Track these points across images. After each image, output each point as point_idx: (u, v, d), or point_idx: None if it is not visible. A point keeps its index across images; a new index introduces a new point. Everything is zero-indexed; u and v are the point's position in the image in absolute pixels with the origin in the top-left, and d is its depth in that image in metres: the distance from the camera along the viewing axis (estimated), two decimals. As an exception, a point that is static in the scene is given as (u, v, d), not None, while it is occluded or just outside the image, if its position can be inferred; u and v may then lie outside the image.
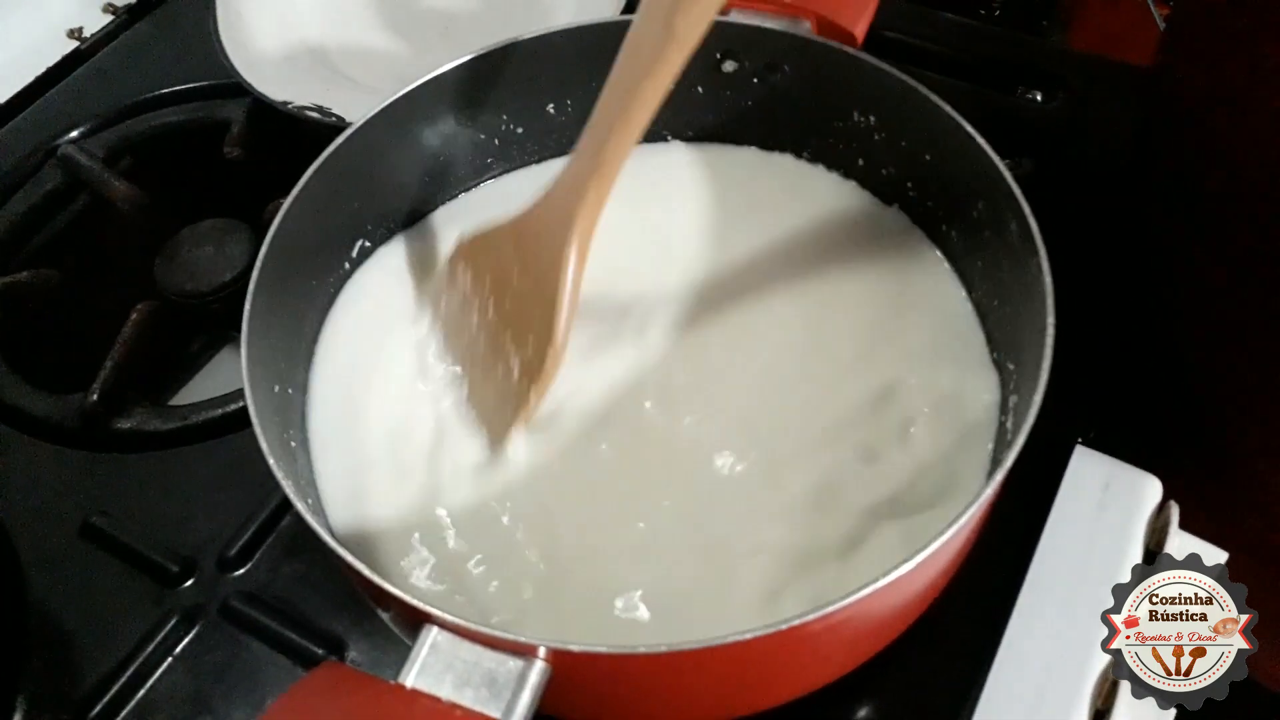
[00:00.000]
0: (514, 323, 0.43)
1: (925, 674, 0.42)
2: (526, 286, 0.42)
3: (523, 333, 0.42)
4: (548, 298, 0.40)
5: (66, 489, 0.49)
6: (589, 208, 0.40)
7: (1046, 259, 0.37)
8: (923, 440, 0.42)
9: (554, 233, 0.41)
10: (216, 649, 0.44)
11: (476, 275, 0.45)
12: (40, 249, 0.62)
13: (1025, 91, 0.62)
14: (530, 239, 0.42)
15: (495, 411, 0.43)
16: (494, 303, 0.44)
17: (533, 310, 0.41)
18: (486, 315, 0.44)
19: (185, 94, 0.66)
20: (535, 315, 0.41)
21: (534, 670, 0.30)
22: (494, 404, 0.43)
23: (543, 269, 0.41)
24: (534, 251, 0.42)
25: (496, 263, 0.44)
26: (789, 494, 0.41)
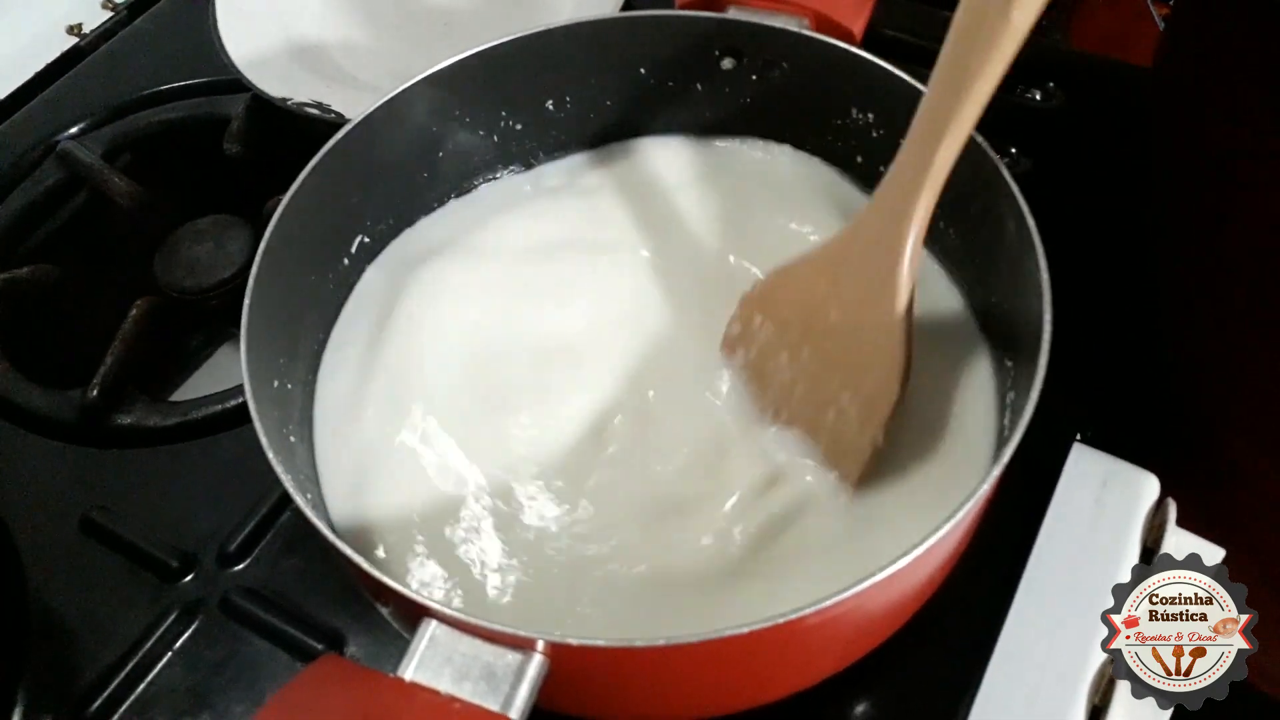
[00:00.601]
0: (841, 362, 0.40)
1: (923, 669, 0.42)
2: (849, 321, 0.39)
3: (855, 371, 0.39)
4: (881, 329, 0.38)
5: (66, 484, 0.49)
6: (918, 223, 0.37)
7: (1044, 257, 0.37)
8: (919, 438, 0.42)
9: (877, 262, 0.38)
10: (216, 644, 0.44)
11: (780, 321, 0.42)
12: (40, 245, 0.62)
13: (1024, 90, 0.62)
14: (849, 268, 0.39)
15: (835, 455, 0.41)
16: (810, 348, 0.41)
17: (863, 344, 0.39)
18: (800, 360, 0.41)
19: (184, 90, 0.66)
20: (867, 349, 0.39)
21: (532, 663, 0.30)
22: (826, 445, 0.41)
23: (871, 297, 0.38)
24: (855, 283, 0.39)
25: (806, 303, 0.41)
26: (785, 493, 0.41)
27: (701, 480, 0.41)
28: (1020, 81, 0.62)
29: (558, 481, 0.42)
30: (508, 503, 0.41)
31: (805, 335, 0.41)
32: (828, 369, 0.41)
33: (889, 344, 0.39)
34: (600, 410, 0.44)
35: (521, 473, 0.42)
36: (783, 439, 0.42)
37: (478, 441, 0.43)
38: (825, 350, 0.41)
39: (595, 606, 0.38)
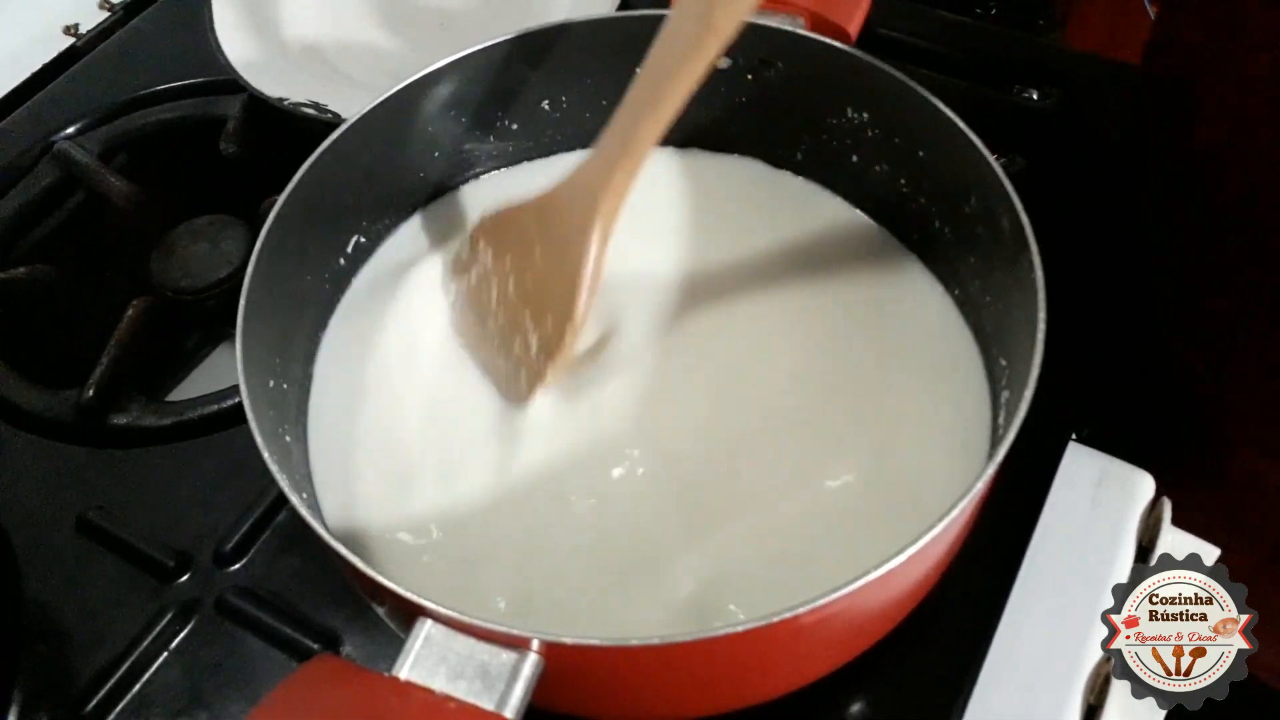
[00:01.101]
0: (534, 300, 0.43)
1: (919, 668, 0.42)
2: (548, 264, 0.43)
3: (542, 310, 0.43)
4: (569, 277, 0.41)
5: (62, 484, 0.49)
6: (614, 191, 0.41)
7: (1039, 256, 0.37)
8: (913, 437, 0.42)
9: (577, 213, 0.41)
10: (212, 644, 0.44)
11: (498, 252, 0.45)
12: (36, 245, 0.62)
13: (1020, 89, 0.62)
14: (554, 218, 0.43)
15: (509, 383, 0.44)
16: (514, 279, 0.44)
17: (553, 288, 0.42)
18: (506, 291, 0.45)
19: (181, 90, 0.66)
20: (555, 293, 0.42)
21: (527, 662, 0.30)
22: (509, 377, 0.44)
23: (565, 248, 0.42)
24: (557, 230, 0.42)
25: (519, 240, 0.44)
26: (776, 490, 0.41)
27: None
28: (1016, 81, 0.62)
29: (560, 481, 0.42)
30: (506, 502, 0.41)
31: (513, 268, 0.45)
32: (523, 302, 0.44)
33: (571, 294, 0.41)
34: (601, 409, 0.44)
35: (520, 472, 0.42)
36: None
37: (474, 439, 0.43)
38: (525, 285, 0.44)
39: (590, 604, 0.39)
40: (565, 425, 0.43)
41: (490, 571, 0.40)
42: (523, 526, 0.41)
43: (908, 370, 0.44)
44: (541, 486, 0.42)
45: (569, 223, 0.42)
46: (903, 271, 0.48)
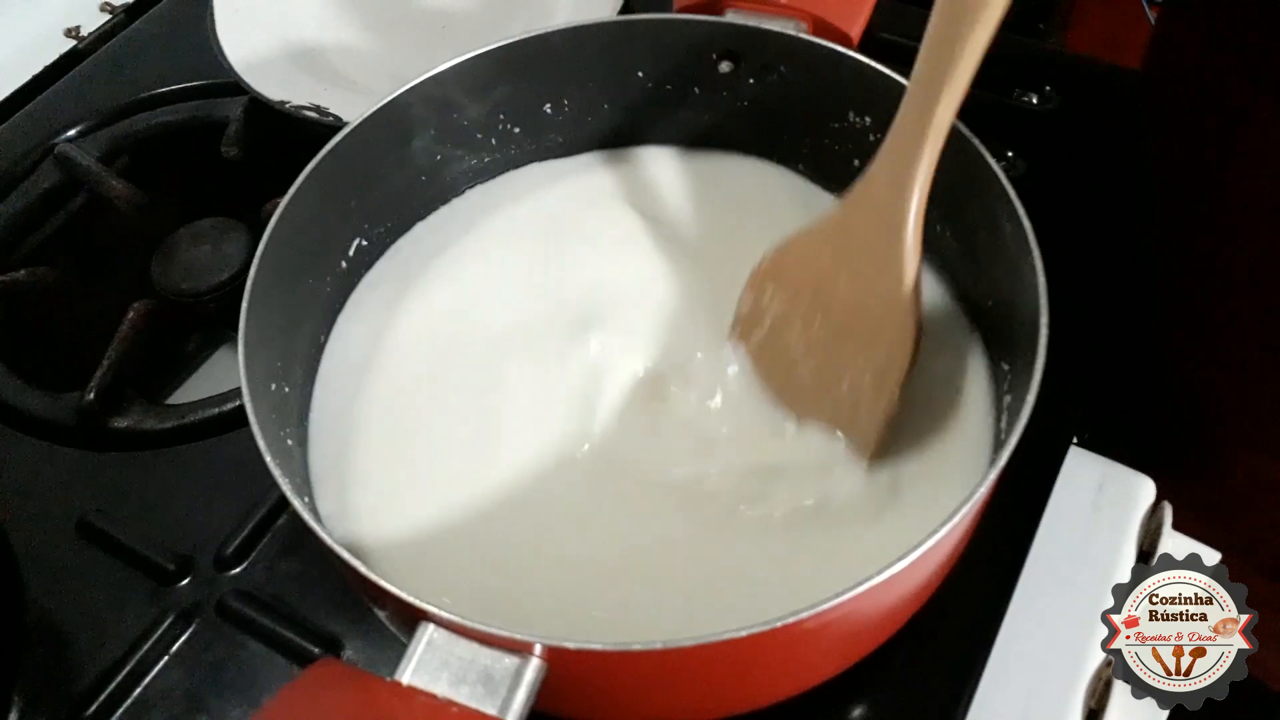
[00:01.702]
0: (852, 329, 0.41)
1: (920, 672, 0.42)
2: (859, 286, 0.40)
3: (866, 336, 0.40)
4: (890, 291, 0.39)
5: (63, 487, 0.49)
6: (922, 180, 0.38)
7: (1040, 260, 0.37)
8: (915, 441, 0.42)
9: (884, 218, 0.38)
10: (213, 647, 0.44)
11: (791, 292, 0.42)
12: (37, 248, 0.62)
13: (1020, 93, 0.62)
14: (854, 234, 0.40)
15: (847, 422, 0.41)
16: (821, 315, 0.41)
17: (873, 309, 0.40)
18: (813, 330, 0.42)
19: (182, 93, 0.66)
20: (877, 313, 0.40)
21: (530, 667, 0.30)
22: (839, 414, 0.41)
23: (879, 261, 0.39)
24: (862, 247, 0.40)
25: (814, 272, 0.41)
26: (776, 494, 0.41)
27: (716, 477, 0.42)
28: (1016, 84, 0.62)
29: (562, 482, 0.42)
30: (508, 505, 0.41)
31: (815, 306, 0.41)
32: (839, 338, 0.41)
33: (899, 309, 0.39)
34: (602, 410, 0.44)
35: (521, 473, 0.42)
36: (793, 427, 0.42)
37: (474, 442, 0.43)
38: (835, 320, 0.41)
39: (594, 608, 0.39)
40: (569, 429, 0.43)
41: (493, 575, 0.40)
42: (526, 531, 0.41)
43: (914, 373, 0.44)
44: (545, 491, 0.42)
45: (876, 233, 0.39)
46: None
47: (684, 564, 0.40)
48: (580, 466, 0.42)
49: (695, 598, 0.39)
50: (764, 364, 0.43)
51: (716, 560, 0.40)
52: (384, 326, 0.47)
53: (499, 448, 0.43)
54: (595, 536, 0.41)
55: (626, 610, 0.39)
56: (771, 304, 0.43)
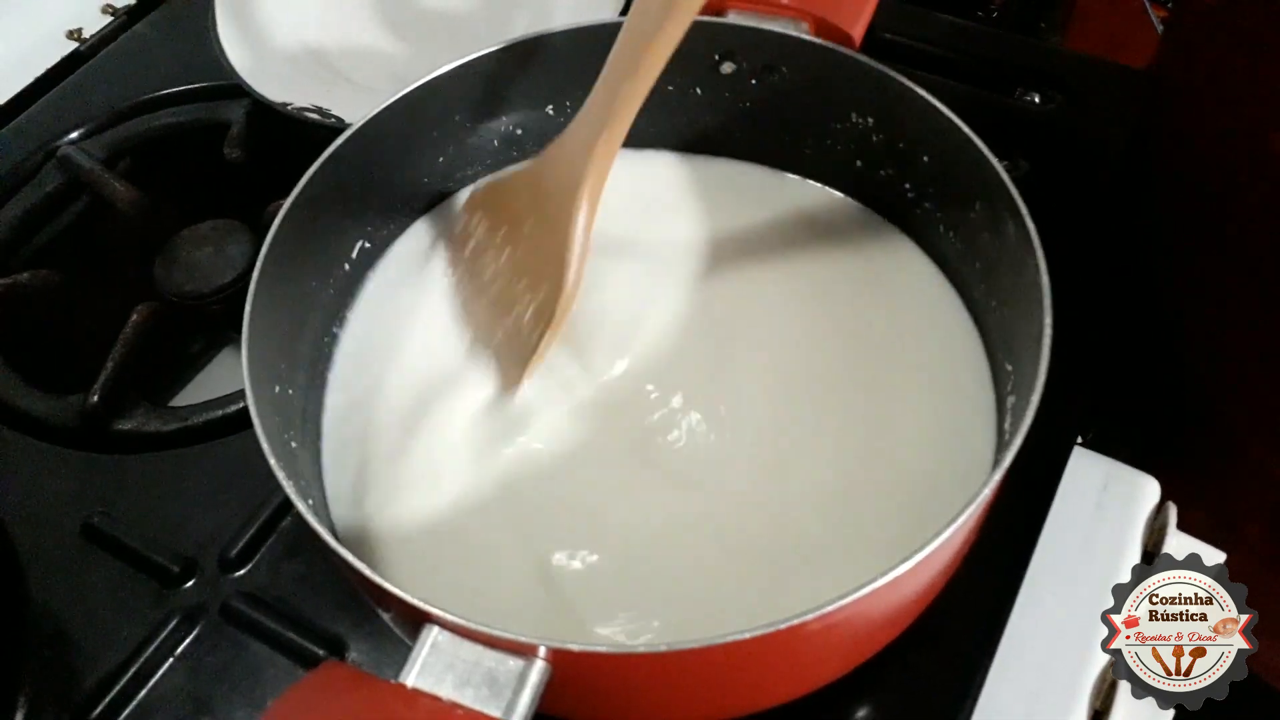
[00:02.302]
0: (528, 269, 0.44)
1: (924, 674, 0.42)
2: (540, 234, 0.43)
3: (537, 279, 0.43)
4: (559, 245, 0.42)
5: (67, 490, 0.49)
6: (598, 160, 0.41)
7: (1044, 260, 0.37)
8: (919, 443, 0.42)
9: (565, 184, 0.42)
10: (217, 649, 0.44)
11: (492, 224, 0.46)
12: (40, 250, 0.62)
13: (1023, 93, 0.62)
14: (543, 187, 0.44)
15: (507, 357, 0.44)
16: (509, 250, 0.45)
17: (546, 256, 0.43)
18: (500, 261, 0.45)
19: (185, 95, 0.66)
20: (549, 261, 0.42)
21: (534, 669, 0.30)
22: (506, 349, 0.44)
23: (555, 217, 0.42)
24: (546, 200, 0.43)
25: (511, 211, 0.45)
26: (785, 496, 0.41)
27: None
28: (1019, 84, 0.62)
29: (569, 488, 0.42)
30: (514, 507, 0.41)
31: (507, 239, 0.45)
32: (517, 273, 0.45)
33: (562, 262, 0.42)
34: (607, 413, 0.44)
35: (526, 474, 0.42)
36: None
37: (482, 447, 0.43)
38: (519, 257, 0.45)
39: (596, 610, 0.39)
40: (574, 431, 0.43)
41: (498, 578, 0.40)
42: (531, 533, 0.41)
43: (914, 375, 0.44)
44: (551, 493, 0.42)
45: (557, 193, 0.42)
46: (913, 276, 0.48)
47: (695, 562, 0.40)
48: (589, 465, 0.42)
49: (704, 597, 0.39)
50: (463, 285, 0.47)
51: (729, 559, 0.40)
52: (387, 328, 0.47)
53: (505, 448, 0.43)
54: (605, 535, 0.41)
55: (633, 611, 0.39)
56: (476, 230, 0.47)
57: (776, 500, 0.41)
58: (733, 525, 0.41)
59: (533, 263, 0.44)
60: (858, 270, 0.48)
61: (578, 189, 0.41)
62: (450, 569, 0.40)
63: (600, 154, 0.41)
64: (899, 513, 0.40)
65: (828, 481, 0.41)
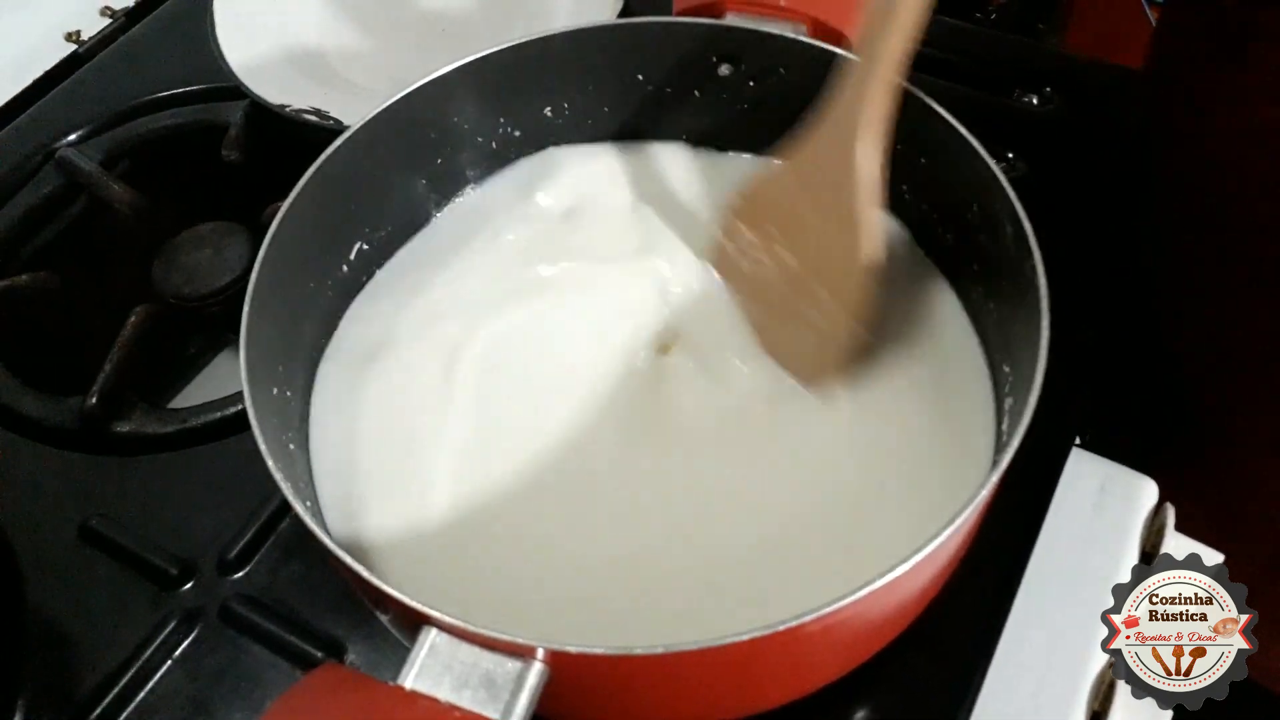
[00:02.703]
0: (822, 260, 0.42)
1: (923, 675, 0.42)
2: (824, 219, 0.41)
3: (832, 266, 0.42)
4: (848, 220, 0.40)
5: (65, 492, 0.49)
6: (874, 109, 0.39)
7: (1041, 262, 0.37)
8: (917, 443, 0.42)
9: (838, 149, 0.40)
10: (216, 652, 0.44)
11: (762, 229, 0.44)
12: (38, 252, 0.62)
13: (1021, 94, 0.62)
14: (814, 167, 0.41)
15: (809, 358, 0.43)
16: (792, 250, 0.43)
17: (837, 240, 0.41)
18: (786, 264, 0.43)
19: (183, 97, 0.66)
20: (841, 243, 0.41)
21: (532, 671, 0.30)
22: (804, 352, 0.43)
23: (837, 191, 0.40)
24: (822, 179, 0.41)
25: (782, 208, 0.43)
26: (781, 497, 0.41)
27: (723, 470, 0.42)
28: (1016, 86, 0.62)
29: (566, 491, 0.42)
30: (509, 508, 0.41)
31: (786, 239, 0.43)
32: (811, 268, 0.43)
33: (858, 242, 0.40)
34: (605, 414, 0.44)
35: (524, 474, 0.42)
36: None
37: (477, 443, 0.43)
38: (808, 251, 0.43)
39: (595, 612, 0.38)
40: (573, 433, 0.43)
41: (495, 580, 0.40)
42: (528, 536, 0.41)
43: (911, 376, 0.44)
44: (547, 496, 0.42)
45: (833, 164, 0.40)
46: (910, 277, 0.47)
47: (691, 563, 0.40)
48: (585, 466, 0.43)
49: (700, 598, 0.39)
50: (753, 303, 0.45)
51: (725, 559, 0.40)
52: (386, 329, 0.47)
53: (502, 449, 0.43)
54: (600, 537, 0.41)
55: (630, 613, 0.39)
56: (745, 241, 0.45)
57: (772, 501, 0.41)
58: (730, 527, 0.41)
59: (825, 252, 0.42)
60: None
61: (853, 150, 0.39)
62: (448, 570, 0.40)
63: (874, 104, 0.38)
64: (896, 514, 0.40)
65: (824, 482, 0.41)
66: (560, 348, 0.46)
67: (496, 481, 0.42)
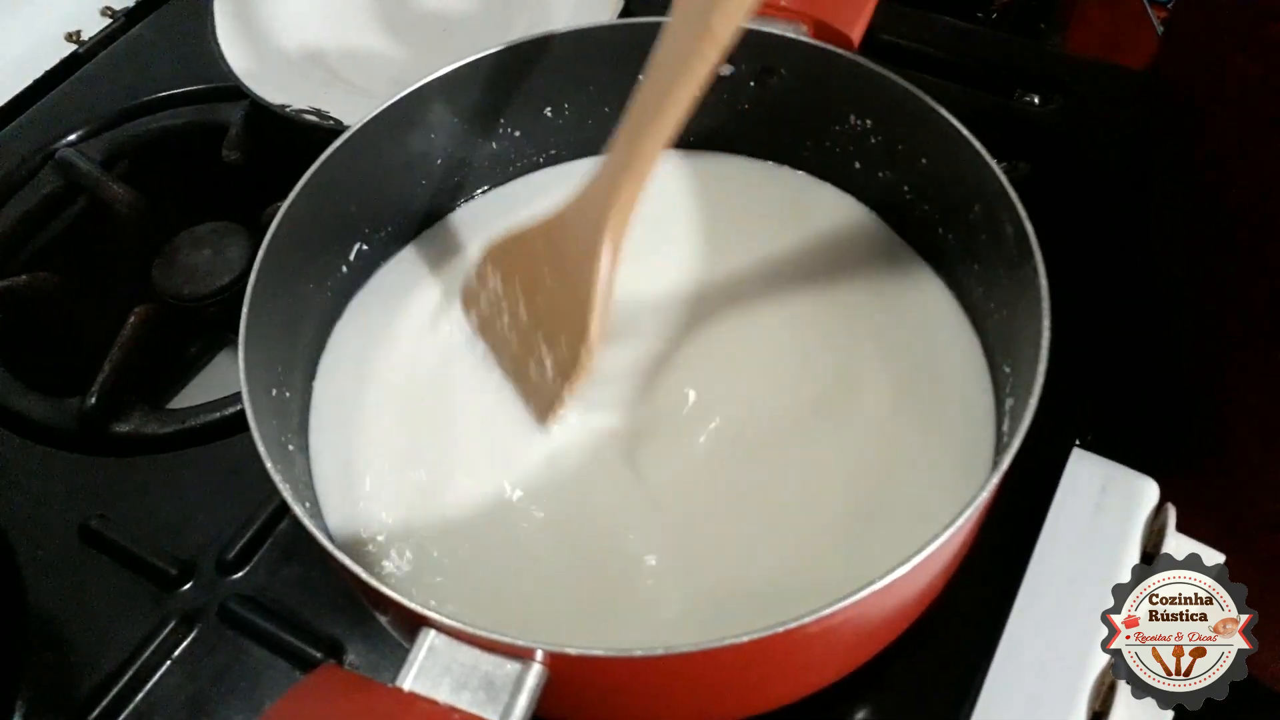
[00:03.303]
0: (546, 322, 0.43)
1: (923, 676, 0.42)
2: (559, 285, 0.42)
3: (555, 332, 0.42)
4: (581, 296, 0.41)
5: (65, 492, 0.49)
6: (621, 205, 0.39)
7: (1042, 262, 0.37)
8: (918, 445, 0.42)
9: (586, 231, 0.40)
10: (215, 652, 0.44)
11: (506, 276, 0.45)
12: (38, 252, 0.62)
13: (1022, 95, 0.62)
14: (562, 238, 0.42)
15: (534, 395, 0.44)
16: (525, 303, 0.44)
17: (566, 309, 0.42)
18: (518, 315, 0.44)
19: (183, 97, 0.66)
20: (568, 314, 0.41)
21: (531, 673, 0.30)
22: (533, 391, 0.44)
23: (575, 267, 0.41)
24: (566, 250, 0.42)
25: (528, 263, 0.44)
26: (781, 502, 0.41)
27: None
28: (1018, 86, 0.62)
29: (563, 494, 0.42)
30: (510, 508, 0.41)
31: (523, 292, 0.44)
32: (536, 325, 0.44)
33: (583, 315, 0.41)
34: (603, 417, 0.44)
35: (523, 476, 0.42)
36: None
37: (476, 452, 0.43)
38: (537, 308, 0.44)
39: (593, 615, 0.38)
40: (574, 434, 0.43)
41: (494, 582, 0.40)
42: (528, 537, 0.41)
43: (912, 377, 0.44)
44: (544, 500, 0.42)
45: (577, 242, 0.41)
46: (911, 276, 0.47)
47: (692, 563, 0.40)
48: (587, 467, 0.42)
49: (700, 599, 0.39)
50: (484, 338, 0.46)
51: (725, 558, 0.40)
52: (385, 330, 0.47)
53: (503, 449, 0.43)
54: (600, 539, 0.41)
55: (630, 615, 0.39)
56: (490, 283, 0.45)
57: (774, 504, 0.41)
58: (731, 526, 0.40)
59: (551, 315, 0.43)
60: (856, 271, 0.48)
61: (599, 239, 0.40)
62: (447, 572, 0.40)
63: (622, 202, 0.39)
64: (897, 514, 0.40)
65: (825, 484, 0.41)
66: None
67: (497, 482, 0.42)
